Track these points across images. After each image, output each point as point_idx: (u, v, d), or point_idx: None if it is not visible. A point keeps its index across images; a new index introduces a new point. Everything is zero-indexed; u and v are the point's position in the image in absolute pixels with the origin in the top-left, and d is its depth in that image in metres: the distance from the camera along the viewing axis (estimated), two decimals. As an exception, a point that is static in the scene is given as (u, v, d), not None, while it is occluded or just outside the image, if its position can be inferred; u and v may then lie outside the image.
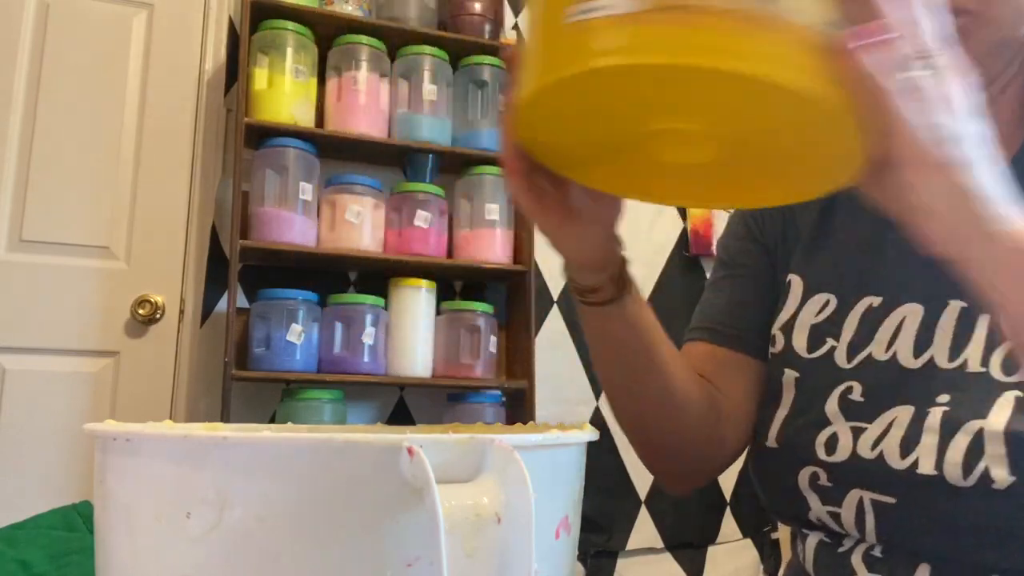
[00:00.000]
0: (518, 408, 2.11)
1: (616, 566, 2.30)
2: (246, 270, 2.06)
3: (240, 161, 1.94)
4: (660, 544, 2.36)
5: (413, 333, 2.03)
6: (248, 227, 1.95)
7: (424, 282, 2.06)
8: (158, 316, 2.00)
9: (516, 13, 2.46)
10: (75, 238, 1.98)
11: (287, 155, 1.96)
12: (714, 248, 2.53)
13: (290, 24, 2.01)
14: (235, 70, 2.09)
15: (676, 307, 2.48)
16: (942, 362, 0.59)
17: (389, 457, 0.31)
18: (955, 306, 0.60)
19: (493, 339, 2.11)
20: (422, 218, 2.05)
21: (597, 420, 2.30)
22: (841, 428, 0.62)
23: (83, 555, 0.62)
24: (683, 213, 2.55)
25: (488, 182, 2.13)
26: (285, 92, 1.99)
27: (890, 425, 0.60)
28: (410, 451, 0.30)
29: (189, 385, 2.01)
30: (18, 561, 0.60)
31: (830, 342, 0.65)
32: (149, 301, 1.99)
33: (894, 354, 0.62)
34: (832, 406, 0.63)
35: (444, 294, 2.17)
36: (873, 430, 0.60)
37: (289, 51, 2.00)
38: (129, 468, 0.34)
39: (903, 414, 0.59)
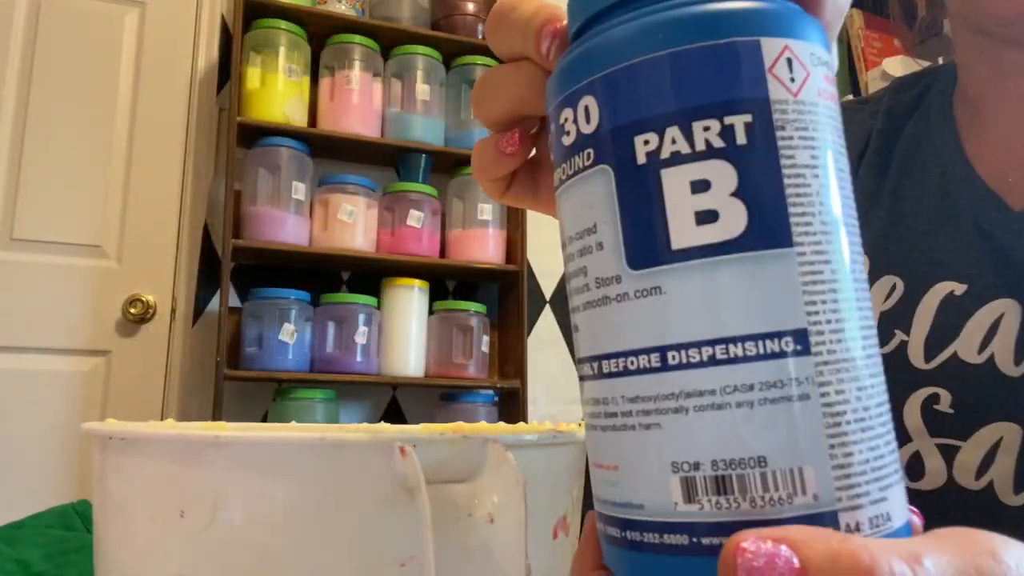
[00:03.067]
0: (510, 408, 2.11)
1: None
2: (238, 269, 2.06)
3: (233, 160, 1.93)
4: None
5: (406, 333, 2.03)
6: (241, 226, 1.94)
7: (417, 282, 2.06)
8: (150, 315, 1.99)
9: (509, 13, 2.46)
10: (67, 237, 1.97)
11: (280, 154, 1.95)
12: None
13: (283, 23, 2.01)
14: (228, 69, 2.09)
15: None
16: None
17: (381, 456, 0.31)
18: None
19: (486, 339, 2.11)
20: (415, 218, 2.05)
21: (589, 420, 2.30)
22: (925, 446, 0.51)
23: (81, 554, 0.62)
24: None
25: (481, 182, 2.13)
26: (278, 91, 1.98)
27: (996, 447, 0.49)
28: (402, 451, 0.30)
29: (181, 385, 2.01)
30: (16, 560, 0.60)
31: (899, 335, 0.54)
32: (141, 300, 1.98)
33: (991, 357, 0.50)
34: (913, 418, 0.52)
35: (437, 294, 2.17)
36: (971, 452, 0.49)
37: (282, 50, 2.00)
38: (125, 467, 0.34)
39: (1010, 434, 0.49)
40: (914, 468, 0.51)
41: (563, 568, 0.39)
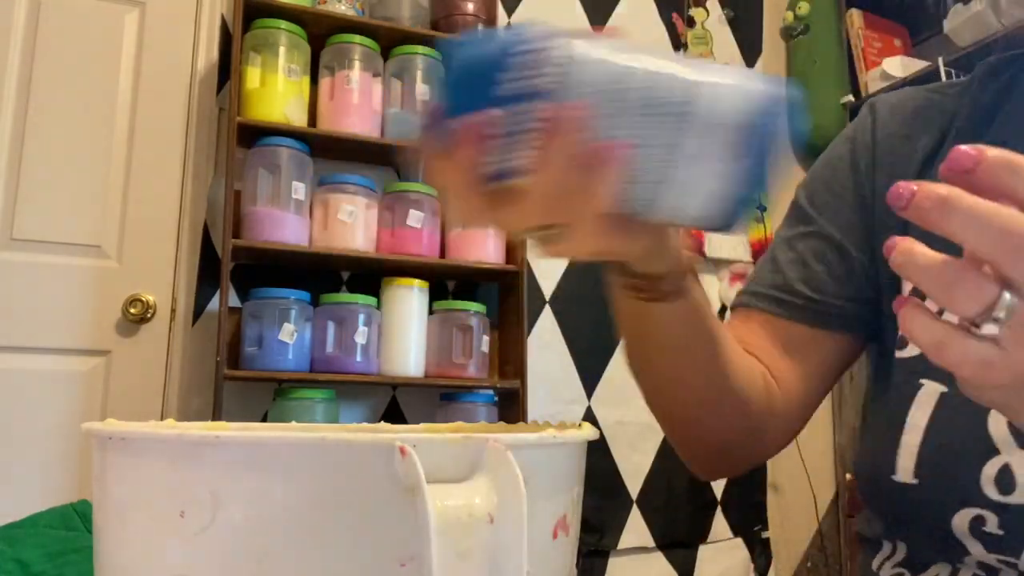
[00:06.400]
0: (510, 408, 2.11)
1: (608, 565, 2.31)
2: (238, 269, 2.06)
3: (232, 160, 1.93)
4: (651, 543, 2.37)
5: (405, 333, 2.03)
6: (240, 226, 1.94)
7: (417, 282, 2.06)
8: (150, 315, 1.99)
9: (509, 13, 2.46)
10: (66, 237, 1.97)
11: (280, 154, 1.95)
12: (706, 248, 2.54)
13: (283, 23, 2.01)
14: (227, 69, 2.09)
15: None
16: None
17: (381, 456, 0.31)
18: None
19: (485, 339, 2.11)
20: (415, 218, 2.05)
21: (589, 419, 2.30)
22: (1016, 458, 0.49)
23: (81, 554, 0.62)
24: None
25: (481, 182, 2.13)
26: (278, 91, 1.98)
27: None
28: (402, 450, 0.30)
29: (181, 385, 2.01)
30: (16, 560, 0.60)
31: None
32: (141, 300, 1.98)
33: None
34: (999, 428, 0.50)
35: (436, 294, 2.17)
36: None
37: (282, 50, 2.00)
38: (125, 467, 0.34)
39: None
40: (1004, 481, 0.50)
41: (563, 568, 0.39)
